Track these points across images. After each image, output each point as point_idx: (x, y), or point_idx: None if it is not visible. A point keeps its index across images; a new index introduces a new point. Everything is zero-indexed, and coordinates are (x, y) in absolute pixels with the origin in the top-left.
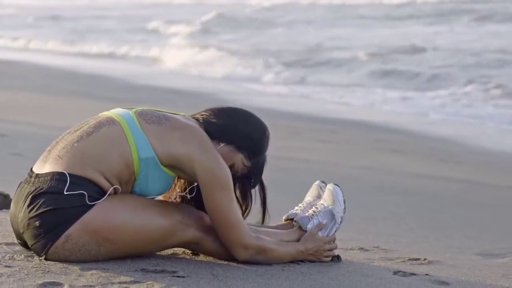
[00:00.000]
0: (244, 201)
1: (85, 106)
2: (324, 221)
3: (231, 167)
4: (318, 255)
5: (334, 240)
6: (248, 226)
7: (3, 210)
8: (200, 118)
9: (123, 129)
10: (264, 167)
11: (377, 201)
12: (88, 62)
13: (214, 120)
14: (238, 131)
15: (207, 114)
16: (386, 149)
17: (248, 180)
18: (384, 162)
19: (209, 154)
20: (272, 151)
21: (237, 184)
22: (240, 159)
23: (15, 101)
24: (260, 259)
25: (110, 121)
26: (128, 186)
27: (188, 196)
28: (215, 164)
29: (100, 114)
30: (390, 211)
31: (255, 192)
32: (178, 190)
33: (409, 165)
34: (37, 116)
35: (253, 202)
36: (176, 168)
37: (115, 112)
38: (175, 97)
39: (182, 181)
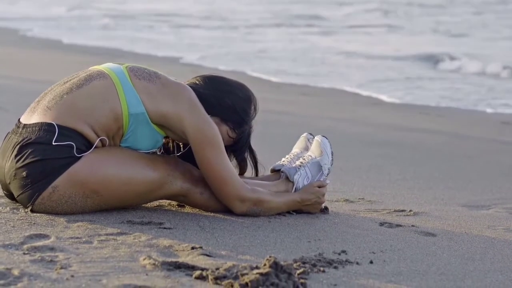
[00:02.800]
0: (240, 168)
1: (64, 59)
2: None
3: None
4: (312, 206)
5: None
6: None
7: None
8: (191, 85)
9: (114, 83)
10: (250, 137)
11: (359, 152)
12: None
13: (201, 90)
14: (223, 103)
15: (197, 82)
16: (366, 101)
17: (234, 150)
18: (364, 114)
19: (198, 113)
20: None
21: (229, 155)
22: (225, 131)
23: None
24: (257, 211)
25: (101, 75)
26: (116, 140)
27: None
28: (204, 122)
29: (90, 68)
30: (373, 162)
31: (247, 157)
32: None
33: (390, 117)
34: (15, 69)
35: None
36: (165, 127)
37: (106, 66)
38: None
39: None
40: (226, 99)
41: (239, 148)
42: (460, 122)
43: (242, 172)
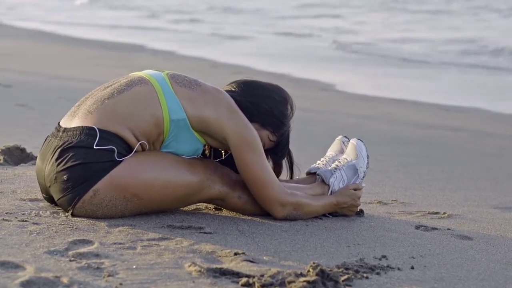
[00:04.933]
0: (275, 170)
1: (86, 54)
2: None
3: None
4: (348, 209)
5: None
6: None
7: (21, 164)
8: (227, 92)
9: (155, 90)
10: (290, 136)
11: (385, 151)
12: None
13: (238, 98)
14: (261, 109)
15: (232, 89)
16: (386, 98)
17: (276, 152)
18: (387, 111)
19: (238, 117)
20: None
21: (267, 157)
22: (265, 135)
23: (18, 50)
24: (296, 215)
25: (142, 81)
26: (156, 146)
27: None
28: (244, 127)
29: (130, 74)
30: (400, 162)
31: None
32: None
33: (411, 114)
34: (39, 65)
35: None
36: (206, 134)
37: (147, 72)
38: None
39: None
40: (263, 104)
41: (280, 150)
42: (480, 118)
43: (277, 175)
